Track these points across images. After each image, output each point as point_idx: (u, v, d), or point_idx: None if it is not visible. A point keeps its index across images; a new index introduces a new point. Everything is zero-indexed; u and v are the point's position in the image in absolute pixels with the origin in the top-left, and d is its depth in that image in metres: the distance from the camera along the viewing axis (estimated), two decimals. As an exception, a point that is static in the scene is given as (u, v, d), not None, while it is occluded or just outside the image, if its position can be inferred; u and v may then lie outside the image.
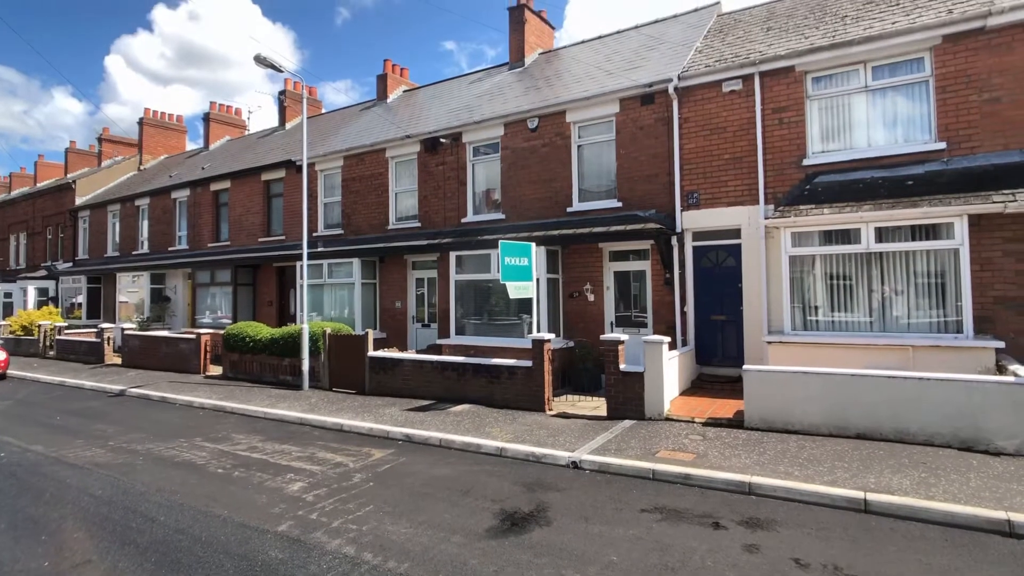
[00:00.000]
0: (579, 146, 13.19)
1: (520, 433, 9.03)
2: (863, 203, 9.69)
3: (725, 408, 9.75)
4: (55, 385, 15.59)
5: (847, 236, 9.89)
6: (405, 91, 20.33)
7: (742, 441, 8.14)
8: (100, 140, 28.82)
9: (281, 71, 12.61)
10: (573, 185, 13.12)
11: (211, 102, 25.05)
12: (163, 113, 28.02)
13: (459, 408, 10.90)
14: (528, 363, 10.68)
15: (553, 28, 18.16)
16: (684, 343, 11.78)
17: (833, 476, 6.65)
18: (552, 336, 10.72)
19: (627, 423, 9.39)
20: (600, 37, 16.68)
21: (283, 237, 18.32)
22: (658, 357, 9.48)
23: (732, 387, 11.05)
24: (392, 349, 13.35)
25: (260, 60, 12.26)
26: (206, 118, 25.08)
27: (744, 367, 8.87)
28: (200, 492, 6.95)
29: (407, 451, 8.71)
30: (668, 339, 9.63)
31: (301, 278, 16.43)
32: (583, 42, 17.17)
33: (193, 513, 6.27)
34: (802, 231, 10.18)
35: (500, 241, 10.27)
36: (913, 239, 9.44)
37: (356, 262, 15.60)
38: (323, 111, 23.81)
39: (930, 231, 9.33)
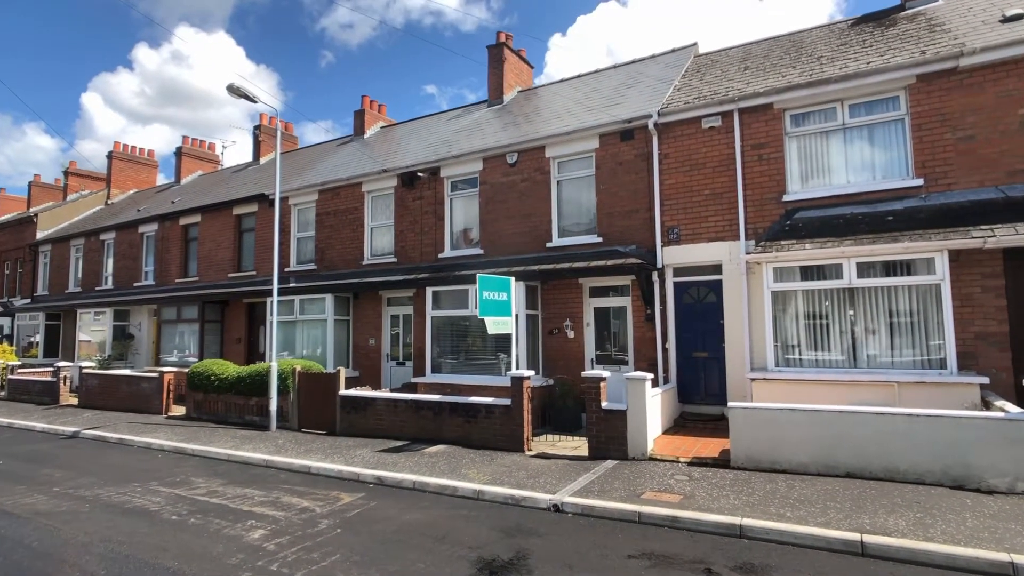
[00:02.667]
0: (558, 181, 13.12)
1: (498, 474, 8.58)
2: (844, 238, 9.67)
3: (710, 447, 9.45)
4: (2, 427, 14.65)
5: (829, 271, 9.84)
6: (383, 127, 20.29)
7: (729, 481, 7.82)
8: (66, 174, 28.10)
9: (255, 101, 12.40)
10: (552, 220, 12.99)
11: (183, 136, 24.71)
12: (133, 147, 27.49)
13: (434, 449, 10.41)
14: (506, 401, 10.29)
15: (532, 67, 18.38)
16: (666, 380, 11.52)
17: (826, 517, 6.34)
18: (531, 373, 10.38)
19: (610, 463, 9.01)
20: (579, 76, 16.89)
21: (254, 272, 17.81)
22: (641, 394, 9.18)
23: (716, 426, 10.77)
24: (365, 388, 12.84)
25: (233, 90, 12.05)
26: (178, 152, 24.65)
27: (729, 404, 8.61)
28: (150, 542, 6.35)
29: (379, 495, 8.19)
30: (651, 376, 9.36)
31: (271, 314, 15.92)
32: (562, 80, 17.38)
33: (138, 565, 5.68)
34: (784, 266, 10.11)
35: (478, 275, 10.00)
36: (895, 274, 9.42)
37: (329, 298, 15.16)
38: (299, 147, 23.63)
39: (911, 267, 9.32)
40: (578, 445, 10.43)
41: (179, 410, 15.37)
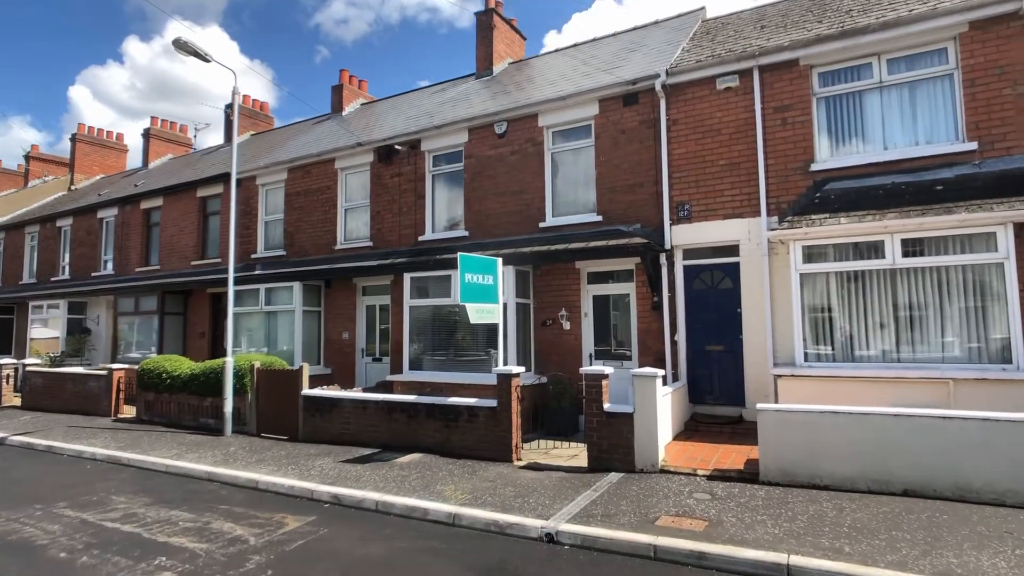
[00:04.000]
0: (553, 153, 11.63)
1: (480, 492, 7.11)
2: (887, 211, 8.25)
3: (731, 456, 8.01)
4: (-72, 431, 13.03)
5: (868, 250, 8.42)
6: (363, 104, 18.73)
7: (762, 501, 6.38)
8: (27, 158, 26.31)
9: (207, 60, 10.84)
10: (546, 197, 11.51)
11: (152, 117, 23.06)
12: (100, 130, 25.71)
13: (407, 458, 8.92)
14: (492, 403, 8.82)
15: (524, 38, 16.87)
16: (675, 378, 10.08)
17: (898, 554, 4.92)
18: (521, 370, 8.91)
19: (613, 477, 7.56)
20: (575, 45, 15.39)
21: (219, 260, 16.23)
22: (651, 394, 7.73)
23: (733, 429, 9.35)
24: (333, 387, 11.33)
25: (180, 45, 10.49)
26: (146, 135, 22.90)
27: (758, 407, 7.18)
28: (13, 592, 4.85)
29: (333, 518, 6.71)
30: (662, 372, 7.91)
31: (229, 304, 14.38)
32: (557, 51, 15.88)
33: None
34: (815, 244, 8.68)
35: (460, 255, 8.51)
36: (947, 252, 8.00)
37: (297, 286, 13.62)
38: (274, 127, 22.03)
39: (967, 243, 7.90)
40: (575, 453, 8.98)
41: (131, 411, 13.81)
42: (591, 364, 10.97)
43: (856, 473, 6.60)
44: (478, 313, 8.84)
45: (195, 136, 24.59)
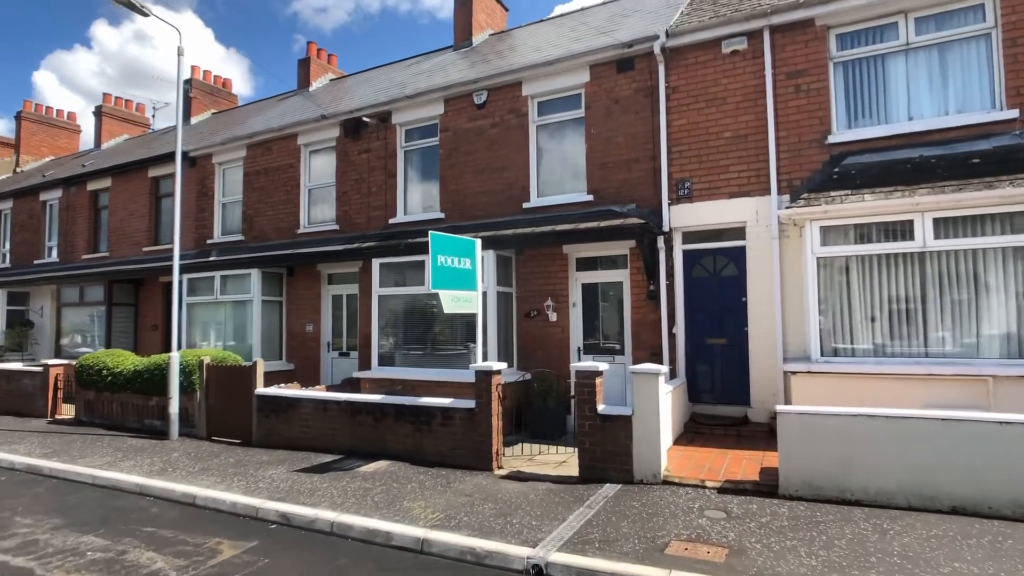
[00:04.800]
0: (538, 126, 10.52)
1: (454, 510, 6.02)
2: (917, 186, 7.31)
3: (741, 464, 7.02)
4: None
5: (894, 231, 7.48)
6: (332, 80, 17.42)
7: (787, 521, 5.39)
8: (-29, 138, 24.48)
9: (146, 15, 9.53)
10: (531, 175, 10.41)
11: (104, 94, 21.35)
12: (49, 108, 23.95)
13: (372, 467, 7.79)
14: (469, 403, 7.72)
15: (507, 9, 15.68)
16: (673, 374, 9.07)
17: (975, 597, 3.93)
18: (503, 366, 7.82)
19: (609, 489, 6.52)
20: (562, 15, 14.28)
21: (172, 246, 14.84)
22: (652, 395, 6.69)
23: (737, 432, 8.38)
24: (293, 385, 10.14)
25: (114, -5, 9.17)
26: (97, 112, 21.19)
27: (779, 409, 6.18)
28: None
29: (278, 544, 5.58)
30: (665, 368, 6.87)
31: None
32: (541, 20, 14.75)
33: None
34: (835, 224, 7.72)
35: (431, 232, 7.39)
36: (983, 234, 7.08)
37: (255, 274, 12.36)
38: (238, 105, 20.56)
39: (1007, 222, 6.99)
40: (563, 459, 7.94)
41: (71, 411, 12.45)
42: (579, 359, 9.93)
43: (895, 487, 5.64)
44: (454, 302, 7.72)
45: (153, 116, 22.98)
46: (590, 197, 9.80)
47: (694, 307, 9.26)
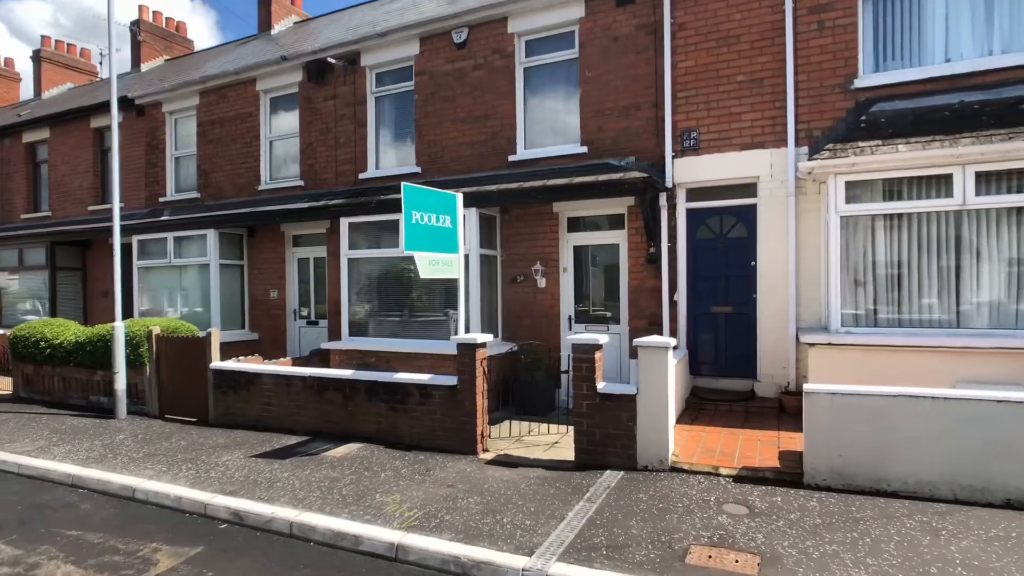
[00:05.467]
0: (526, 68, 9.41)
1: (434, 504, 5.18)
2: (959, 136, 6.46)
3: (755, 446, 6.29)
4: None
5: (929, 187, 6.67)
6: (296, 22, 15.90)
7: (821, 518, 4.65)
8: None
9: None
10: (517, 124, 9.35)
11: (43, 37, 19.32)
12: (-15, 52, 21.97)
13: (342, 451, 6.91)
14: (451, 380, 6.84)
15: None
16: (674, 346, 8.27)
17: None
18: (488, 338, 6.93)
19: (610, 477, 5.74)
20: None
21: (123, 205, 13.52)
22: (661, 371, 5.87)
23: (745, 408, 7.66)
24: (254, 358, 9.14)
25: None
26: (36, 58, 19.11)
27: (806, 387, 5.39)
28: None
29: (227, 550, 4.71)
30: (674, 341, 6.03)
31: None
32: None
33: None
34: (863, 179, 6.88)
35: (404, 184, 6.36)
36: (1031, 190, 6.30)
37: (211, 235, 11.19)
38: (194, 51, 18.86)
39: (1058, 177, 6.21)
40: (555, 439, 7.16)
41: (8, 386, 11.32)
42: (570, 329, 9.09)
43: (939, 477, 4.93)
44: (432, 266, 6.75)
45: (100, 64, 21.05)
46: (584, 149, 8.81)
47: (697, 272, 8.43)
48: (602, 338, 6.23)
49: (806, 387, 5.37)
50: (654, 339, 5.97)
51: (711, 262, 8.38)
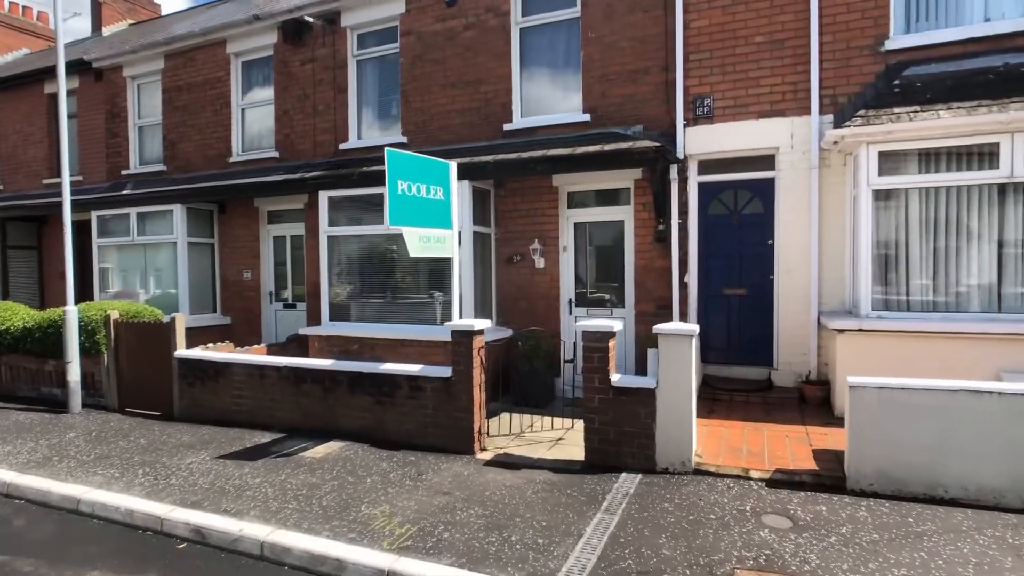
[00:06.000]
0: (523, 28, 8.60)
1: (430, 518, 4.50)
2: (1008, 100, 5.84)
3: (783, 443, 5.70)
4: None
5: (971, 158, 6.06)
6: (271, -16, 14.81)
7: (877, 532, 4.06)
8: None
9: None
10: (513, 89, 8.56)
11: (-7, -4, 18.00)
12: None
13: (322, 450, 6.19)
14: (444, 371, 6.13)
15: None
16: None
17: None
18: (486, 324, 6.23)
19: (627, 481, 5.11)
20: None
21: (80, 178, 12.51)
22: (684, 362, 5.22)
23: (764, 399, 7.09)
24: (224, 345, 8.33)
25: None
26: (-12, 19, 18.02)
27: (851, 380, 4.77)
28: None
29: (184, 574, 3.99)
30: (697, 328, 5.37)
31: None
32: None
33: None
34: (898, 149, 6.24)
35: (388, 150, 5.58)
36: (1085, 160, 5.71)
37: (178, 210, 10.28)
38: (161, 15, 17.64)
39: (1117, 146, 5.62)
40: (559, 435, 6.51)
41: (-44, 375, 10.36)
42: (570, 312, 8.42)
43: (1006, 482, 4.36)
44: (422, 243, 6.00)
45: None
46: (586, 117, 8.07)
47: (709, 251, 7.79)
48: (614, 324, 5.56)
49: (851, 380, 4.75)
50: (676, 326, 5.31)
51: (724, 240, 7.73)
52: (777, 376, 7.39)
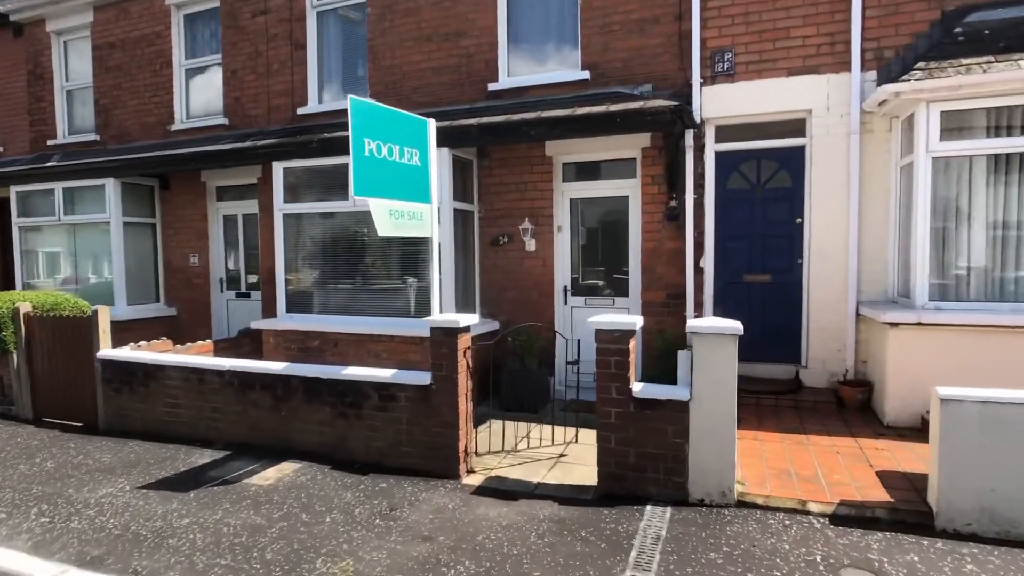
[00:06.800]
0: (510, -29, 7.41)
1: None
2: (1102, 47, 4.86)
3: (835, 462, 4.73)
4: None
5: (1051, 118, 5.09)
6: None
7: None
8: None
9: None
10: (499, 43, 7.36)
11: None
12: None
13: (271, 475, 5.03)
14: (423, 376, 4.99)
15: None
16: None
17: None
18: (473, 319, 5.09)
19: (655, 518, 4.07)
20: None
21: (1, 149, 10.97)
22: (726, 367, 4.19)
23: (795, 403, 6.14)
24: (159, 344, 7.05)
25: None
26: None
27: (941, 392, 3.78)
28: None
29: None
30: (739, 326, 4.30)
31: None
32: None
33: None
34: (963, 108, 5.25)
35: (351, 99, 4.39)
36: None
37: (111, 185, 8.89)
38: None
39: None
40: (560, 450, 5.45)
41: None
42: (566, 302, 7.34)
43: None
44: (394, 219, 4.83)
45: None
46: (585, 75, 6.93)
47: (727, 232, 6.76)
48: (636, 320, 4.47)
49: (941, 392, 3.76)
50: (715, 323, 4.25)
51: (745, 219, 6.71)
52: (807, 375, 6.42)
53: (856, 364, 6.19)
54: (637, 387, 4.38)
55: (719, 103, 6.49)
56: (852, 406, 5.97)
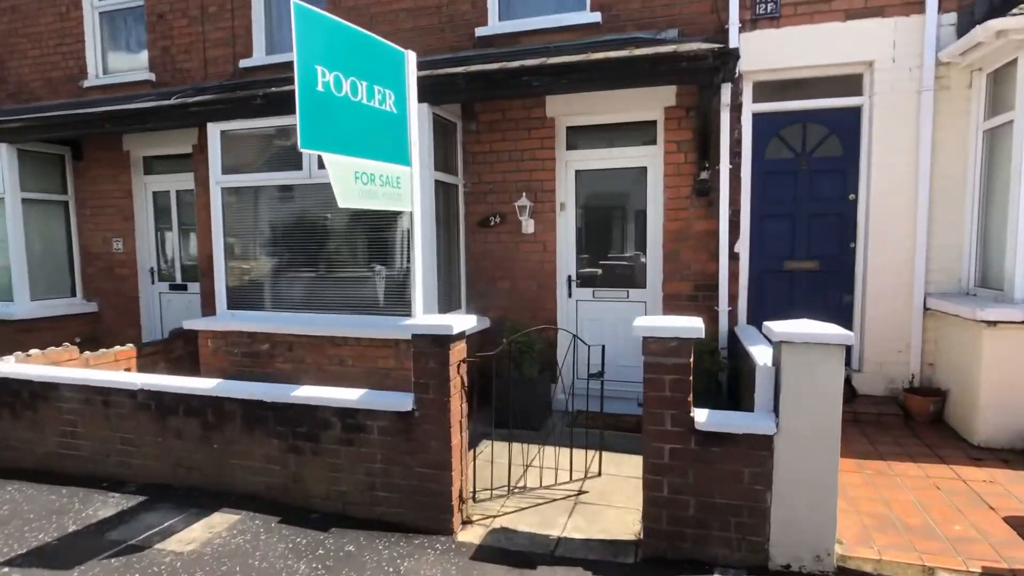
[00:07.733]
0: None
1: None
2: None
3: (940, 502, 3.67)
4: None
5: None
6: None
7: None
8: None
9: None
10: (489, -21, 6.05)
11: None
12: None
13: (199, 532, 3.70)
14: (403, 400, 3.71)
15: None
16: (732, 317, 5.54)
17: None
18: (471, 321, 3.83)
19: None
20: None
21: None
22: (830, 389, 3.04)
23: (853, 415, 5.18)
24: (57, 352, 5.56)
25: None
26: None
27: None
28: None
29: None
30: (850, 335, 3.13)
31: None
32: None
33: None
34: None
35: (295, 4, 3.05)
36: None
37: (5, 152, 7.26)
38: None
39: None
40: (578, 486, 4.26)
41: None
42: (570, 295, 6.14)
43: None
44: (360, 184, 3.54)
45: None
46: (596, 17, 5.68)
47: (765, 211, 5.64)
48: (695, 321, 3.28)
49: None
50: (815, 330, 3.11)
51: (786, 195, 5.60)
52: (860, 381, 5.38)
53: (923, 367, 5.17)
54: (701, 416, 3.21)
55: (759, 53, 5.34)
56: (922, 419, 4.95)
